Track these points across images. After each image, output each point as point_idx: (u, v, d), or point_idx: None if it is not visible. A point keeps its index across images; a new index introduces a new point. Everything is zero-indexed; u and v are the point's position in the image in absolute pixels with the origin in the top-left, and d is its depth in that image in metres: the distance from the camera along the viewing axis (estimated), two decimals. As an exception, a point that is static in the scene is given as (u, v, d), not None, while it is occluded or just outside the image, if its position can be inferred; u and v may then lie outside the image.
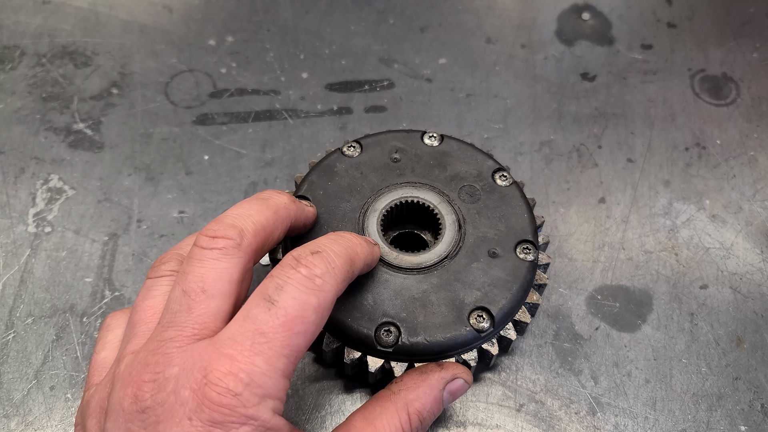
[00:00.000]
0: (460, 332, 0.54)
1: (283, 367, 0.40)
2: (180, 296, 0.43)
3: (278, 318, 0.40)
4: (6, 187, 0.72)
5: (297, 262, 0.43)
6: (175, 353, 0.40)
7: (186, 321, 0.42)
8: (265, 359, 0.39)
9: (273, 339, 0.40)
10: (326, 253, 0.44)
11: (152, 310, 0.46)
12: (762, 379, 0.63)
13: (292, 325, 0.40)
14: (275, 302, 0.41)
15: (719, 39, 0.88)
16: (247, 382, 0.39)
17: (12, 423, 0.58)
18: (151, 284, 0.48)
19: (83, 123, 0.77)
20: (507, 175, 0.62)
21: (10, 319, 0.63)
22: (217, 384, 0.38)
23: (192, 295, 0.43)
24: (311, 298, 0.42)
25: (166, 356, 0.40)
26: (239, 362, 0.39)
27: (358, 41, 0.86)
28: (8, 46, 0.83)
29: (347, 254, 0.46)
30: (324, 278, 0.43)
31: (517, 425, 0.60)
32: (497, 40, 0.87)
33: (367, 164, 0.62)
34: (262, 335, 0.40)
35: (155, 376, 0.39)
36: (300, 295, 0.41)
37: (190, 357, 0.40)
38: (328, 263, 0.44)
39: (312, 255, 0.44)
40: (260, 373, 0.39)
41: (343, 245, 0.46)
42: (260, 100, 0.80)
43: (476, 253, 0.58)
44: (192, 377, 0.39)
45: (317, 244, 0.46)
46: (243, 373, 0.39)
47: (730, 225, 0.73)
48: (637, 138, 0.79)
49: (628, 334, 0.65)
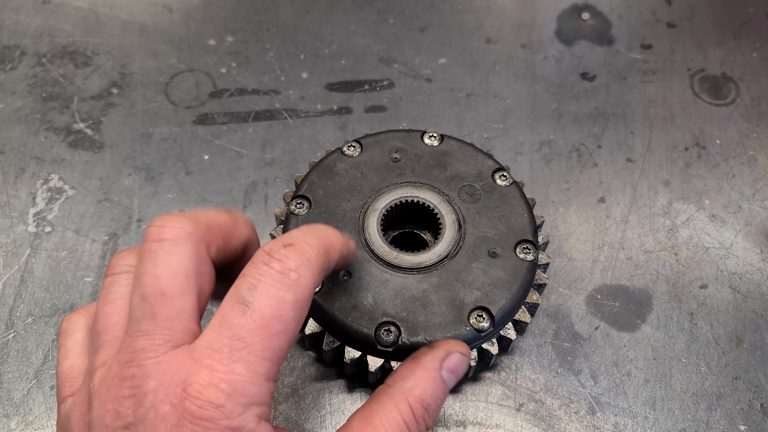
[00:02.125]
0: (460, 332, 0.54)
1: (265, 371, 0.39)
2: (140, 303, 0.40)
3: (254, 321, 0.38)
4: (6, 186, 0.72)
5: (269, 257, 0.40)
6: (150, 365, 0.38)
7: (154, 329, 0.40)
8: (245, 366, 0.38)
9: (251, 344, 0.38)
10: (299, 244, 0.42)
11: (116, 316, 0.44)
12: (761, 378, 0.63)
13: (270, 327, 0.39)
14: (250, 304, 0.39)
15: (719, 39, 0.88)
16: (228, 392, 0.37)
17: (12, 422, 0.58)
18: (109, 284, 0.45)
19: (83, 123, 0.77)
20: (507, 174, 0.62)
21: (10, 318, 0.63)
22: (197, 397, 0.37)
23: (152, 300, 0.40)
24: (287, 294, 0.39)
25: (141, 368, 0.38)
26: (219, 372, 0.37)
27: (358, 41, 0.86)
28: (8, 46, 0.83)
29: (321, 244, 0.44)
30: (299, 271, 0.40)
31: (516, 425, 0.60)
32: (497, 40, 0.87)
33: (367, 164, 0.62)
34: (239, 341, 0.38)
35: (133, 391, 0.38)
36: (275, 293, 0.39)
37: (168, 369, 0.38)
38: (302, 255, 0.41)
39: (285, 248, 0.41)
40: (242, 381, 0.37)
41: (316, 236, 0.44)
42: (260, 100, 0.80)
43: (476, 253, 0.58)
44: (171, 391, 0.37)
45: (289, 236, 0.43)
46: (224, 384, 0.37)
47: (729, 225, 0.73)
48: (636, 138, 0.79)
49: (627, 333, 0.65)
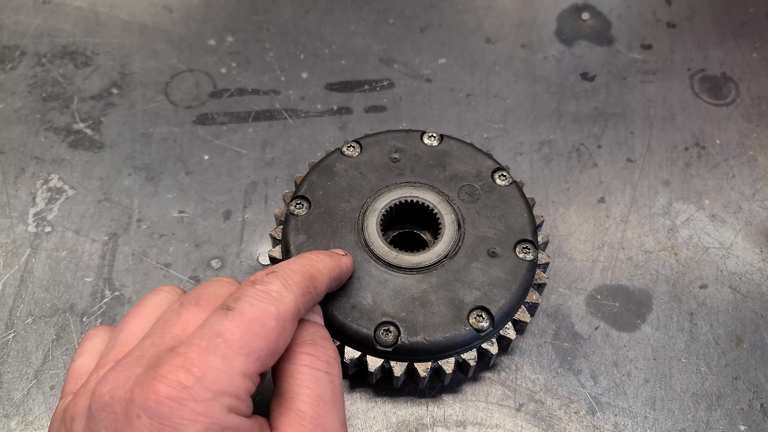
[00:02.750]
0: (459, 332, 0.54)
1: (241, 366, 0.39)
2: (176, 307, 0.44)
3: (235, 320, 0.40)
4: (6, 186, 0.72)
5: (253, 282, 0.43)
6: (147, 357, 0.40)
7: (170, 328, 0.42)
8: (220, 356, 0.38)
9: (230, 339, 0.39)
10: (282, 271, 0.45)
11: (139, 317, 0.47)
12: (761, 378, 0.63)
13: (250, 327, 0.40)
14: (232, 308, 0.41)
15: (719, 39, 0.88)
16: (198, 376, 0.37)
17: (12, 422, 0.58)
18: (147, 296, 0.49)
19: (83, 123, 0.77)
20: (506, 174, 0.62)
21: (10, 318, 0.64)
22: (165, 376, 0.37)
23: (186, 306, 0.44)
24: (269, 306, 0.42)
25: (138, 359, 0.40)
26: (192, 359, 0.38)
27: (358, 41, 0.86)
28: (8, 46, 0.83)
29: (305, 271, 0.46)
30: (280, 292, 0.43)
31: (516, 425, 0.60)
32: (497, 40, 0.87)
33: (366, 164, 0.62)
34: (218, 336, 0.39)
35: (119, 374, 0.39)
36: (257, 303, 0.41)
37: (153, 359, 0.39)
38: (283, 280, 0.44)
39: (267, 275, 0.44)
40: (213, 369, 0.38)
41: (300, 264, 0.47)
42: (260, 100, 0.80)
43: (476, 253, 0.58)
44: (146, 375, 0.38)
45: (274, 267, 0.46)
46: (195, 368, 0.37)
47: (729, 225, 0.73)
48: (636, 138, 0.79)
49: (627, 333, 0.65)
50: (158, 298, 0.48)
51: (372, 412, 0.60)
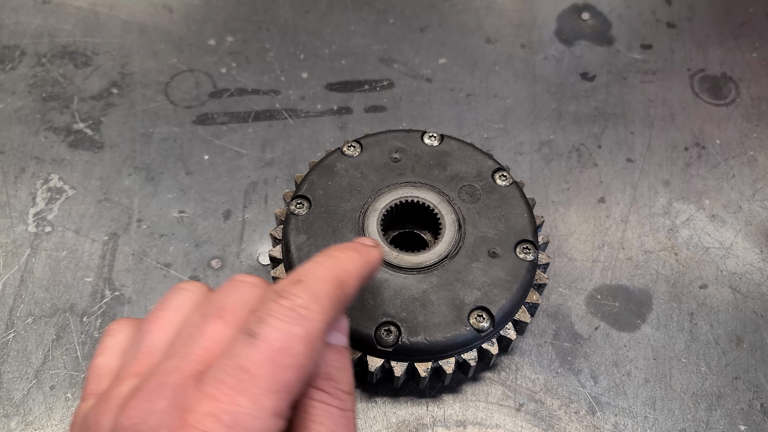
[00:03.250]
0: (460, 332, 0.54)
1: (272, 406, 0.36)
2: (198, 320, 0.41)
3: (261, 352, 0.37)
4: (6, 186, 0.72)
5: (277, 295, 0.40)
6: (172, 384, 0.37)
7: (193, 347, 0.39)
8: (249, 398, 0.36)
9: (257, 375, 0.36)
10: (309, 280, 0.41)
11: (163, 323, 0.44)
12: (761, 378, 0.63)
13: (278, 359, 0.37)
14: (256, 335, 0.37)
15: (719, 39, 0.88)
16: (229, 424, 0.35)
17: (12, 422, 0.58)
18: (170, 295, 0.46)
19: (83, 123, 0.77)
20: (507, 174, 0.62)
21: (10, 318, 0.63)
22: (195, 427, 0.35)
23: (209, 319, 0.40)
24: (296, 328, 0.38)
25: (161, 386, 0.37)
26: (221, 402, 0.36)
27: (358, 41, 0.86)
28: (8, 46, 0.83)
29: (334, 276, 0.42)
30: (309, 307, 0.39)
31: (516, 425, 0.60)
32: (497, 40, 0.87)
33: (367, 164, 0.62)
34: (244, 371, 0.36)
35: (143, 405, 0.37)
36: (283, 326, 0.38)
37: (181, 392, 0.37)
38: (311, 290, 0.40)
39: (292, 285, 0.40)
40: (245, 414, 0.35)
41: (327, 267, 0.43)
42: (260, 100, 0.80)
43: (476, 253, 0.58)
44: (172, 417, 0.36)
45: (299, 271, 0.42)
46: (225, 415, 0.35)
47: (729, 225, 0.73)
48: (636, 138, 0.79)
49: (627, 333, 0.65)
50: (181, 300, 0.45)
51: (372, 412, 0.60)
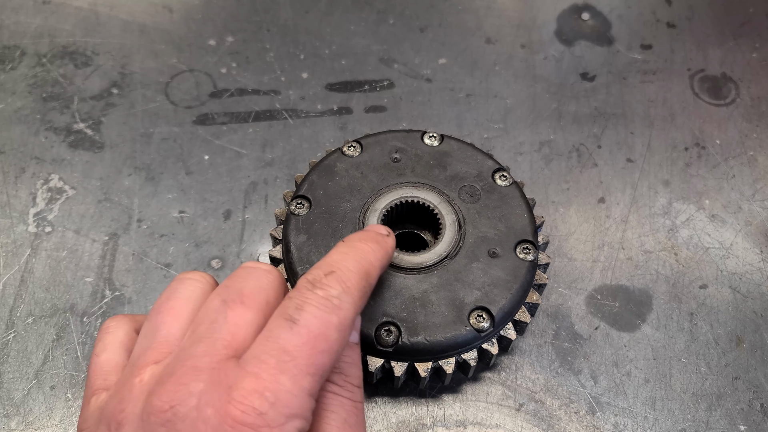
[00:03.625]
0: (460, 332, 0.54)
1: (308, 386, 0.39)
2: (219, 305, 0.43)
3: (301, 336, 0.40)
4: (6, 187, 0.72)
5: (312, 285, 0.42)
6: (205, 368, 0.39)
7: (219, 332, 0.41)
8: (290, 377, 0.38)
9: (297, 357, 0.39)
10: (340, 272, 0.44)
11: (175, 312, 0.45)
12: (761, 378, 0.63)
13: (316, 343, 0.40)
14: (297, 321, 0.40)
15: (719, 39, 0.89)
16: (272, 401, 0.38)
17: (12, 422, 0.58)
18: (176, 285, 0.47)
19: (83, 123, 0.77)
20: (507, 175, 0.62)
21: (10, 318, 0.64)
22: (241, 402, 0.37)
23: (230, 305, 0.42)
24: (332, 316, 0.41)
25: (194, 369, 0.39)
26: (264, 380, 0.38)
27: (358, 41, 0.86)
28: (8, 46, 0.83)
29: (362, 269, 0.45)
30: (341, 298, 0.42)
31: (516, 425, 0.60)
32: (497, 40, 0.87)
33: (367, 164, 0.62)
34: (286, 353, 0.39)
35: (179, 387, 0.38)
36: (320, 314, 0.41)
37: (218, 374, 0.39)
38: (343, 283, 0.43)
39: (326, 276, 0.43)
40: (286, 392, 0.38)
41: (356, 259, 0.45)
42: (260, 100, 0.80)
43: (476, 253, 0.58)
44: (216, 395, 0.38)
45: (330, 263, 0.45)
46: (268, 392, 0.38)
47: (729, 225, 0.73)
48: (636, 138, 0.79)
49: (627, 333, 0.65)
50: (190, 290, 0.47)
51: (372, 412, 0.60)
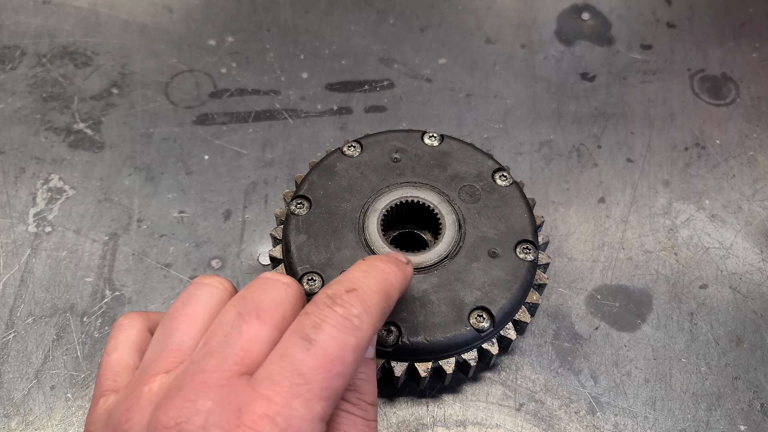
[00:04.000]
0: (460, 332, 0.54)
1: (321, 411, 0.38)
2: (233, 318, 0.41)
3: (318, 358, 0.38)
4: (6, 187, 0.72)
5: (332, 301, 0.40)
6: (214, 384, 0.38)
7: (232, 347, 0.39)
8: (303, 402, 0.37)
9: (312, 380, 0.37)
10: (362, 290, 0.42)
11: (190, 319, 0.43)
12: (761, 378, 0.63)
13: (332, 367, 0.38)
14: (314, 341, 0.38)
15: (719, 39, 0.89)
16: (283, 426, 0.36)
17: (12, 422, 0.58)
18: (193, 290, 0.45)
19: (83, 123, 0.77)
20: (507, 175, 0.62)
21: (10, 318, 0.63)
22: (251, 427, 0.36)
23: (246, 318, 0.41)
24: (350, 338, 0.39)
25: (203, 385, 0.38)
26: (276, 404, 0.36)
27: (358, 41, 0.86)
28: (8, 46, 0.83)
29: (383, 289, 0.43)
30: (361, 318, 0.40)
31: (516, 424, 0.60)
32: (497, 40, 0.87)
33: (367, 164, 0.62)
34: (300, 376, 0.37)
35: (186, 403, 0.37)
36: (339, 334, 0.39)
37: (228, 392, 0.37)
38: (364, 302, 0.41)
39: (347, 293, 0.41)
40: (298, 418, 0.36)
41: (378, 279, 0.44)
42: (260, 100, 0.80)
43: (476, 253, 0.58)
44: (225, 416, 0.36)
45: (351, 280, 0.43)
46: (280, 417, 0.36)
47: (729, 225, 0.73)
48: (636, 138, 0.79)
49: (627, 333, 0.65)
50: (207, 296, 0.45)
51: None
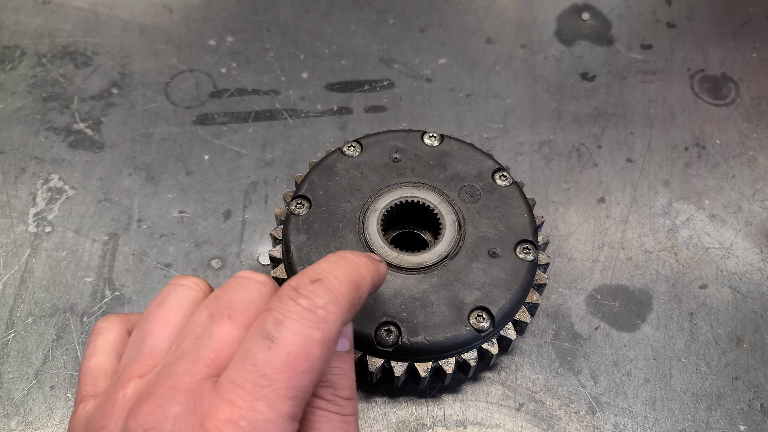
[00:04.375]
0: (460, 332, 0.54)
1: (289, 411, 0.37)
2: (205, 319, 0.40)
3: (280, 357, 0.36)
4: (6, 187, 0.72)
5: (296, 293, 0.39)
6: (184, 389, 0.37)
7: (203, 349, 0.39)
8: (268, 404, 0.36)
9: (276, 381, 0.36)
10: (328, 279, 0.40)
11: (164, 321, 0.43)
12: (761, 378, 0.63)
13: (296, 365, 0.37)
14: (275, 339, 0.37)
15: (719, 39, 0.88)
16: (248, 430, 0.35)
17: (12, 422, 0.58)
18: (168, 291, 0.45)
19: (83, 123, 0.77)
20: (507, 175, 0.62)
21: (10, 318, 0.64)
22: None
23: (217, 319, 0.40)
24: (315, 332, 0.38)
25: (173, 390, 0.37)
26: (240, 408, 0.35)
27: (358, 41, 0.86)
28: (8, 46, 0.83)
29: (351, 278, 0.41)
30: (327, 308, 0.39)
31: (516, 424, 0.60)
32: (497, 40, 0.87)
33: (367, 164, 0.62)
34: (263, 377, 0.36)
35: (155, 409, 0.37)
36: (302, 329, 0.37)
37: (194, 396, 0.37)
38: (330, 292, 0.39)
39: (312, 284, 0.39)
40: (263, 420, 0.36)
41: (345, 268, 0.42)
42: (260, 100, 0.80)
43: (476, 253, 0.58)
44: (189, 423, 0.36)
45: (317, 270, 0.41)
46: (244, 421, 0.35)
47: (729, 225, 0.73)
48: (636, 138, 0.79)
49: (627, 333, 0.65)
50: (181, 297, 0.44)
51: (372, 412, 0.60)
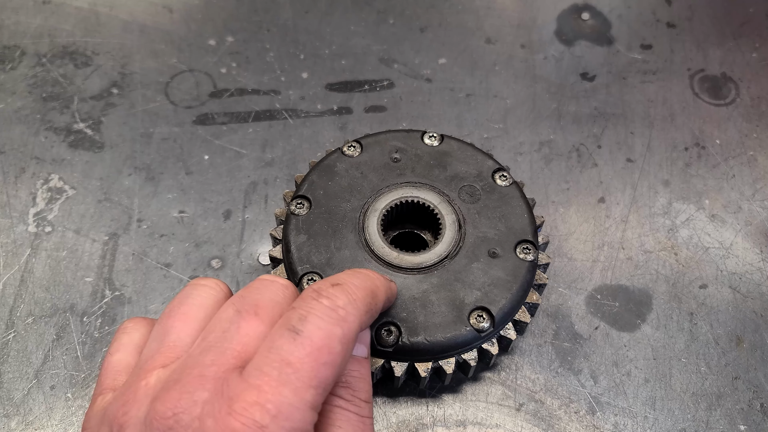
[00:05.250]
0: (460, 332, 0.54)
1: (311, 399, 0.39)
2: (232, 314, 0.43)
3: (305, 348, 0.39)
4: (6, 187, 0.72)
5: (318, 294, 0.42)
6: (211, 377, 0.39)
7: (230, 342, 0.41)
8: (292, 390, 0.38)
9: (300, 369, 0.39)
10: (347, 284, 0.44)
11: (186, 317, 0.45)
12: (761, 378, 0.63)
13: (319, 356, 0.39)
14: (300, 332, 0.40)
15: (719, 39, 0.89)
16: (274, 413, 0.37)
17: (12, 422, 0.58)
18: (190, 290, 0.47)
19: (83, 123, 0.77)
20: (507, 175, 0.62)
21: (10, 318, 0.64)
22: (242, 414, 0.37)
23: (244, 315, 0.42)
24: (336, 328, 0.41)
25: (201, 378, 0.39)
26: (266, 393, 0.38)
27: (358, 41, 0.86)
28: (8, 46, 0.83)
29: (368, 287, 0.46)
30: (347, 309, 0.42)
31: (516, 424, 0.60)
32: (497, 40, 0.87)
33: (367, 164, 0.62)
34: (288, 366, 0.39)
35: (184, 395, 0.38)
36: (325, 325, 0.40)
37: (222, 384, 0.39)
38: (349, 294, 0.43)
39: (333, 287, 0.43)
40: (288, 405, 0.38)
41: (362, 279, 0.46)
42: (260, 100, 0.80)
43: (476, 253, 0.58)
44: (217, 406, 0.37)
45: (337, 277, 0.45)
46: (270, 404, 0.37)
47: (729, 225, 0.73)
48: (636, 138, 0.79)
49: (627, 333, 0.65)
50: (203, 296, 0.47)
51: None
